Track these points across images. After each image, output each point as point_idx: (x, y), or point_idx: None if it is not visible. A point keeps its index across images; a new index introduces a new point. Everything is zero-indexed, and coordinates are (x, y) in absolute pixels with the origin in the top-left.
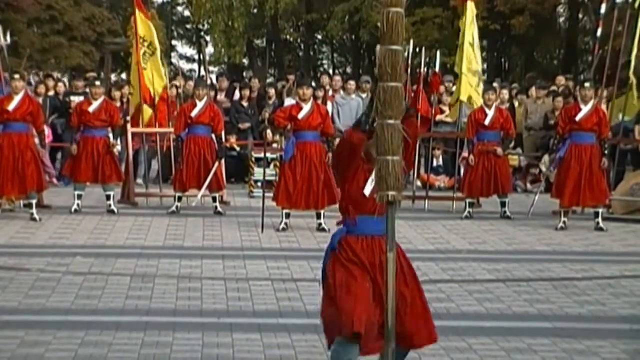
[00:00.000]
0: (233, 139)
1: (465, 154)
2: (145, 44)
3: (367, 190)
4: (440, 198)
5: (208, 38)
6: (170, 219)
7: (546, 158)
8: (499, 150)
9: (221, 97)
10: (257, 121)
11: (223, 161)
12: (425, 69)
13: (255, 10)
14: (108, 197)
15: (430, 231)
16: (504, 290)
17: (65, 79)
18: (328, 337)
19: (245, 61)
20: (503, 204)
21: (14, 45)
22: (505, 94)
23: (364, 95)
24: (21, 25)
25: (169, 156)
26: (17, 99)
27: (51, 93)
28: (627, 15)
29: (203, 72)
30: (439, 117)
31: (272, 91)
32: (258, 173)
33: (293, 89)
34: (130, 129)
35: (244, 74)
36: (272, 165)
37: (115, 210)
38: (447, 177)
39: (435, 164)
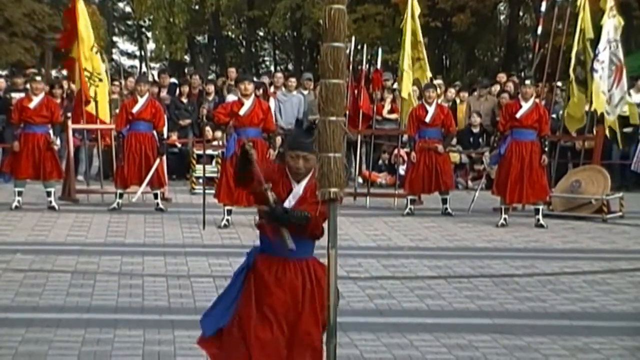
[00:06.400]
0: (174, 136)
1: (401, 151)
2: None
3: None
4: (382, 195)
5: (149, 34)
6: (111, 215)
7: (487, 154)
8: (440, 147)
9: (163, 93)
10: (197, 117)
11: (164, 157)
12: (367, 66)
13: (197, 7)
14: (48, 194)
15: (371, 228)
16: (444, 286)
17: (4, 73)
18: None
19: (187, 57)
20: (444, 201)
21: None
22: (452, 92)
23: (305, 92)
24: None
25: (109, 152)
26: None
27: None
28: (567, 13)
29: (144, 69)
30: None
31: (211, 88)
32: (199, 169)
33: (233, 87)
34: (70, 125)
35: (186, 70)
36: (214, 162)
37: (56, 207)
38: (389, 173)
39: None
